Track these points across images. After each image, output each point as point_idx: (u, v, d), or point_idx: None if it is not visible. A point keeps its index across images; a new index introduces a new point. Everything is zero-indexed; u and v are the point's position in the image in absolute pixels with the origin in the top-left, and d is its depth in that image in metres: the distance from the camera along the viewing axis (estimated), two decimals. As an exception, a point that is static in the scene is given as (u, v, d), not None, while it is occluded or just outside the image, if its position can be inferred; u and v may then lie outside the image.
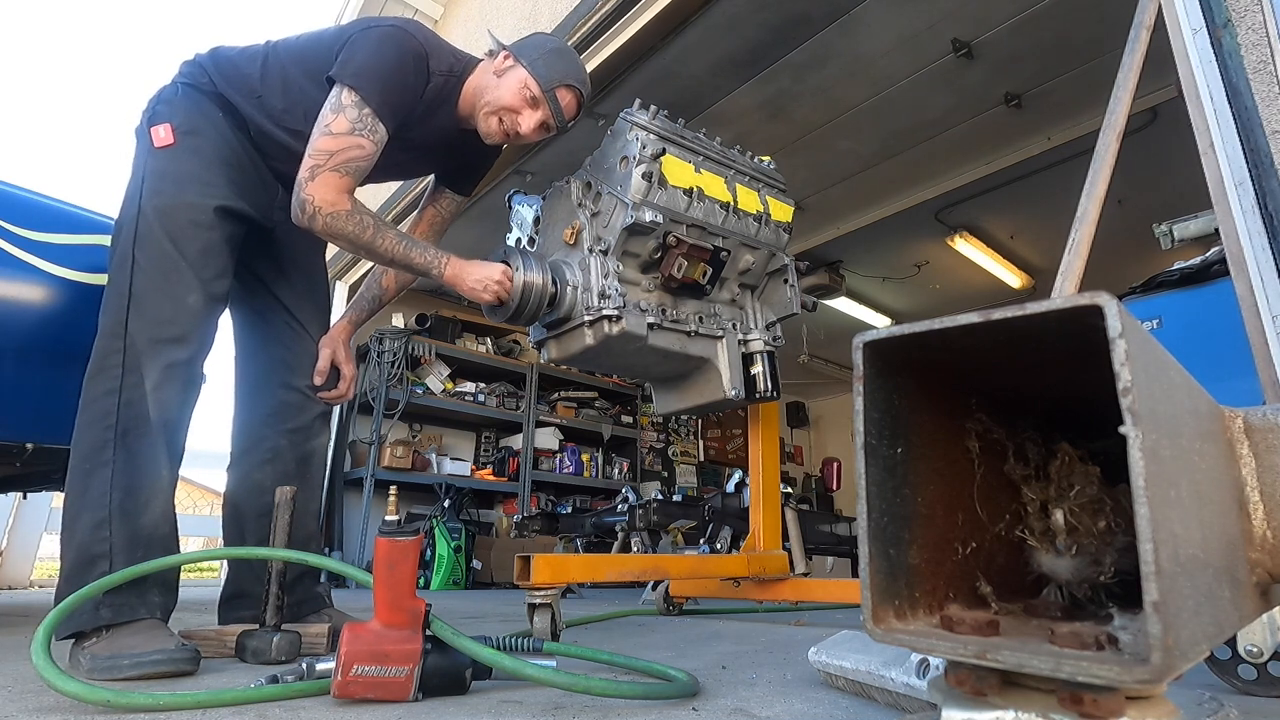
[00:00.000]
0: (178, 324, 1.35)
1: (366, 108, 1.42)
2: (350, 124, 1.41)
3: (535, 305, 1.62)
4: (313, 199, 1.40)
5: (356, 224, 1.43)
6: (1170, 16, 1.44)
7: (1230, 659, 1.00)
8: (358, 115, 1.41)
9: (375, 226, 1.45)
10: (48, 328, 1.80)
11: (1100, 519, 0.55)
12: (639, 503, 3.50)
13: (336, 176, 1.41)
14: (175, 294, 1.36)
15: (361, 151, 1.42)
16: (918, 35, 2.96)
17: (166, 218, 1.39)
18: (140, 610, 1.24)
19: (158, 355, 1.32)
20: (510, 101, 1.55)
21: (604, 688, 0.94)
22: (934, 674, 0.73)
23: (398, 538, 0.99)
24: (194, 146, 1.45)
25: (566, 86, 1.58)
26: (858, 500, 0.50)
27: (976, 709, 0.46)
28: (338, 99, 1.42)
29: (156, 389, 1.31)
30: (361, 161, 1.43)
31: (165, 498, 1.34)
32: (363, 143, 1.42)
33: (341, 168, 1.41)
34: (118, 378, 1.30)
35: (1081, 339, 0.42)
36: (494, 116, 1.57)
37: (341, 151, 1.41)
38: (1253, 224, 1.26)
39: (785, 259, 1.95)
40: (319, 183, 1.40)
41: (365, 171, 1.45)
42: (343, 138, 1.41)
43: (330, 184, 1.40)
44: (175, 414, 1.36)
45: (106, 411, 1.29)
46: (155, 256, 1.37)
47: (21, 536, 4.35)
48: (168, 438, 1.34)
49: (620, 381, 6.06)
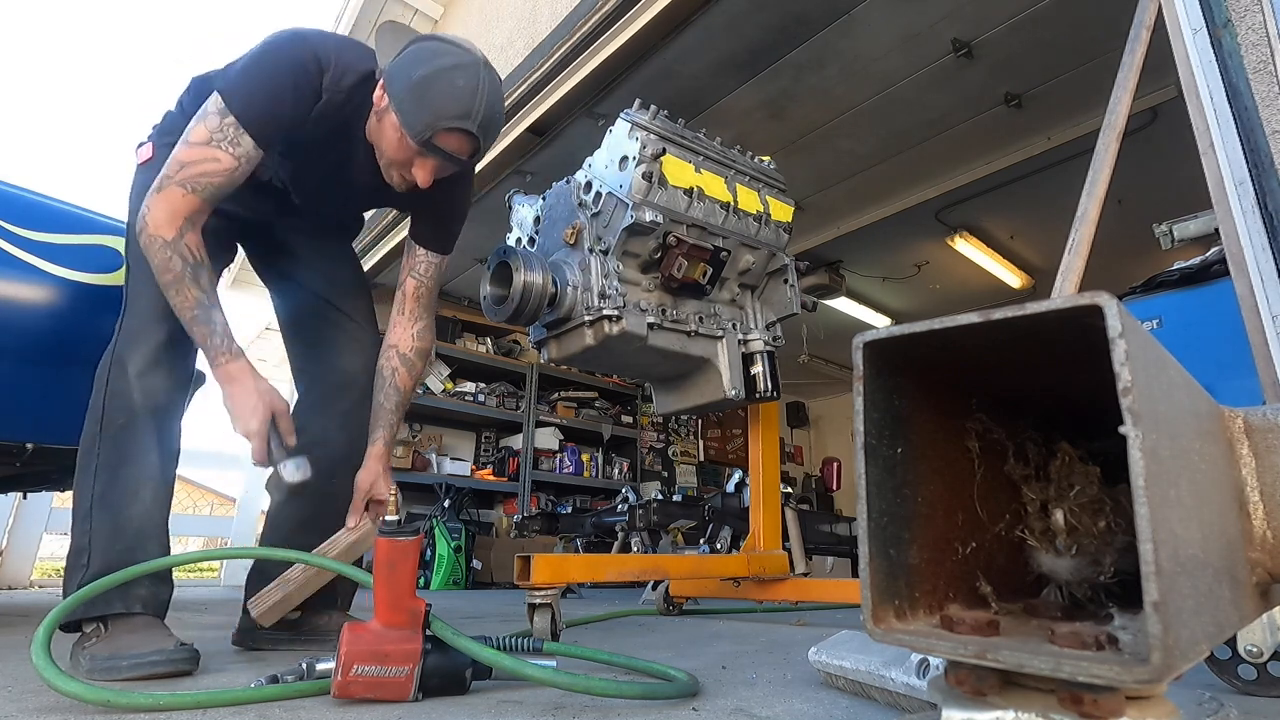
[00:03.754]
0: (152, 312, 1.34)
1: (229, 116, 1.25)
2: (209, 134, 1.26)
3: (535, 305, 1.61)
4: (144, 214, 1.25)
5: (164, 261, 1.24)
6: (1170, 16, 1.44)
7: (1230, 659, 1.00)
8: (219, 125, 1.25)
9: (180, 273, 1.24)
10: (48, 328, 1.80)
11: (1100, 519, 0.55)
12: (639, 503, 3.50)
13: (180, 194, 1.24)
14: (152, 290, 1.32)
15: (217, 165, 1.25)
16: (918, 35, 2.96)
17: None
18: (117, 604, 1.23)
19: (140, 343, 1.33)
20: (395, 155, 1.32)
21: (604, 688, 0.94)
22: (934, 674, 0.73)
23: (398, 538, 1.00)
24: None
25: (445, 131, 1.26)
26: (858, 500, 0.50)
27: (976, 709, 0.46)
28: (205, 105, 1.29)
29: (140, 375, 1.31)
30: (216, 178, 1.25)
31: (155, 485, 1.32)
32: (219, 155, 1.25)
33: (189, 183, 1.24)
34: (105, 375, 1.33)
35: (1082, 339, 0.42)
36: (390, 170, 1.36)
37: (194, 164, 1.25)
38: (1253, 224, 1.26)
39: (785, 259, 1.95)
40: (159, 197, 1.25)
41: (223, 191, 1.28)
42: (198, 148, 1.25)
43: (168, 201, 1.24)
44: (164, 399, 1.34)
45: (95, 408, 1.32)
46: (137, 260, 1.37)
47: (21, 536, 4.34)
48: (157, 425, 1.33)
49: (620, 381, 6.06)
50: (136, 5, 54.11)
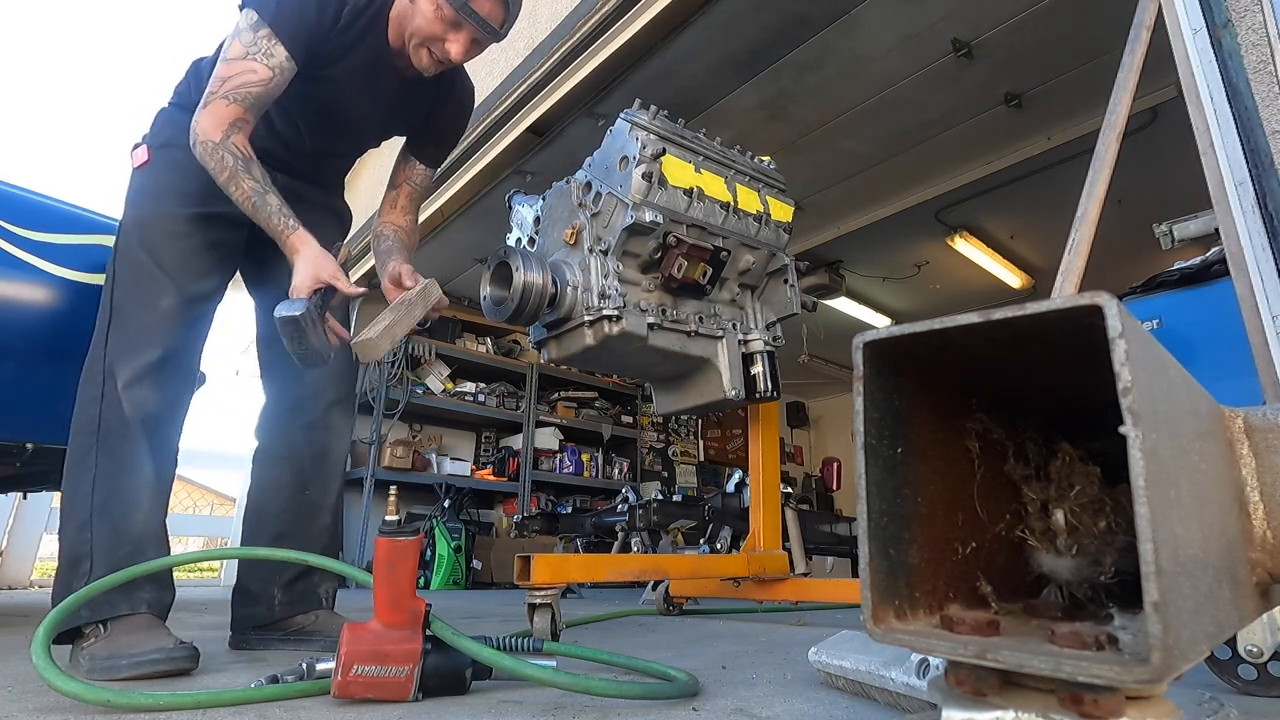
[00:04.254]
0: (150, 329, 1.37)
1: (263, 29, 1.34)
2: (244, 48, 1.34)
3: (535, 305, 1.62)
4: (195, 126, 1.34)
5: (217, 160, 1.33)
6: (1170, 16, 1.44)
7: (1230, 659, 1.00)
8: (252, 38, 1.34)
9: (233, 169, 1.33)
10: (48, 328, 1.80)
11: (1101, 519, 0.55)
12: (639, 503, 3.50)
13: (224, 104, 1.33)
14: (148, 300, 1.38)
15: (255, 76, 1.34)
16: (918, 35, 2.96)
17: (143, 229, 1.43)
18: (123, 606, 1.24)
19: (131, 358, 1.35)
20: (430, 29, 1.42)
21: (604, 688, 0.94)
22: (934, 674, 0.73)
23: (398, 538, 0.99)
24: (169, 159, 1.48)
25: None
26: (858, 500, 0.50)
27: (976, 709, 0.46)
28: (237, 23, 1.37)
29: (127, 388, 1.33)
30: (255, 88, 1.34)
31: (152, 494, 1.34)
32: (255, 67, 1.34)
33: (231, 95, 1.33)
34: (99, 384, 1.34)
35: (1082, 339, 0.42)
36: (422, 49, 1.46)
37: (234, 77, 1.33)
38: (1253, 224, 1.26)
39: (785, 259, 1.95)
40: (206, 110, 1.34)
41: (262, 100, 1.37)
42: (235, 63, 1.34)
43: (213, 111, 1.33)
44: (155, 410, 1.36)
45: (90, 418, 1.33)
46: (132, 267, 1.41)
47: (21, 536, 4.35)
48: (149, 434, 1.34)
49: (620, 381, 6.06)
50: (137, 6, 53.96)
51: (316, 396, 1.60)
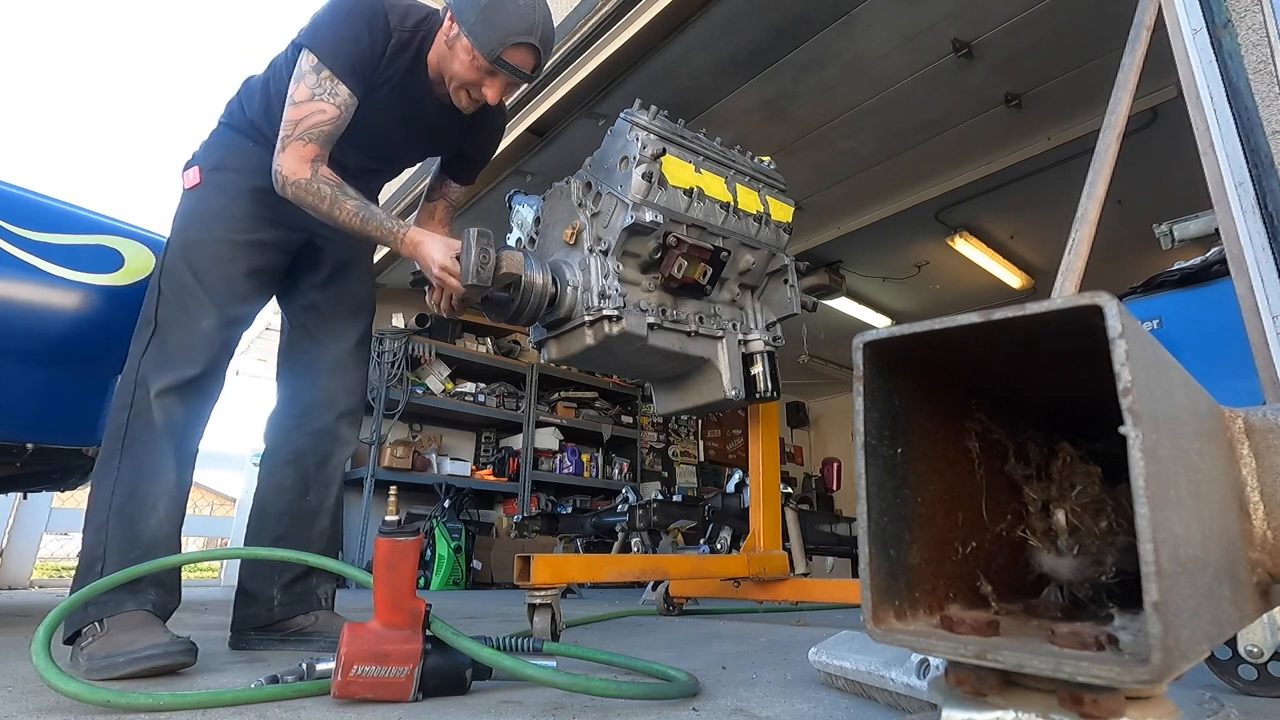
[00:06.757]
0: (190, 346, 1.42)
1: (324, 70, 1.43)
2: (310, 90, 1.43)
3: (535, 305, 1.62)
4: (280, 169, 1.43)
5: (314, 193, 1.43)
6: (1170, 16, 1.44)
7: (1230, 659, 1.00)
8: (316, 80, 1.43)
9: (332, 197, 1.44)
10: (48, 328, 1.80)
11: (1101, 519, 0.55)
12: (639, 503, 3.50)
13: (301, 145, 1.43)
14: (190, 320, 1.43)
15: (324, 116, 1.43)
16: (918, 35, 2.96)
17: (190, 252, 1.48)
18: (128, 604, 1.25)
19: (168, 371, 1.39)
20: (466, 76, 1.49)
21: (604, 688, 0.94)
22: (934, 674, 0.73)
23: (398, 538, 0.99)
24: (219, 182, 1.52)
25: (514, 46, 1.46)
26: (858, 500, 0.50)
27: (976, 709, 0.46)
28: (299, 65, 1.45)
29: (160, 396, 1.37)
30: (325, 126, 1.44)
31: (169, 501, 1.37)
32: (324, 107, 1.43)
33: (306, 135, 1.42)
34: (130, 392, 1.38)
35: (1082, 339, 0.42)
36: (460, 91, 1.53)
37: (305, 119, 1.42)
38: (1253, 224, 1.26)
39: (785, 259, 1.95)
40: (287, 153, 1.43)
41: (332, 136, 1.46)
42: (304, 105, 1.43)
43: (295, 153, 1.42)
44: (182, 419, 1.40)
45: (118, 424, 1.37)
46: (176, 287, 1.45)
47: (21, 536, 4.34)
48: (176, 442, 1.38)
49: (620, 381, 6.05)
50: (139, 6, 53.98)
51: (328, 406, 1.62)
